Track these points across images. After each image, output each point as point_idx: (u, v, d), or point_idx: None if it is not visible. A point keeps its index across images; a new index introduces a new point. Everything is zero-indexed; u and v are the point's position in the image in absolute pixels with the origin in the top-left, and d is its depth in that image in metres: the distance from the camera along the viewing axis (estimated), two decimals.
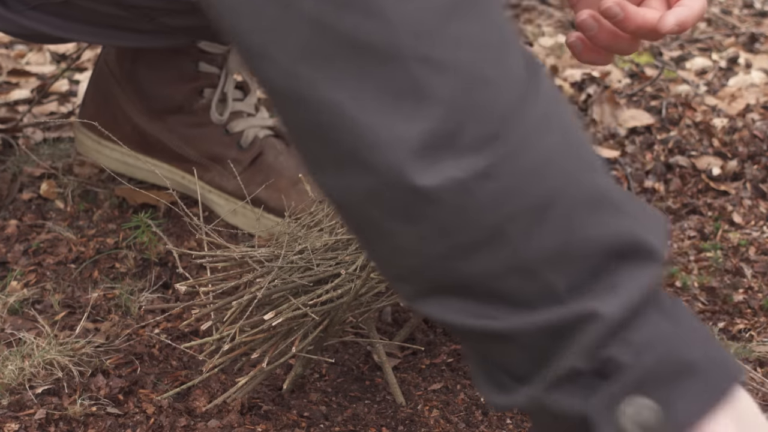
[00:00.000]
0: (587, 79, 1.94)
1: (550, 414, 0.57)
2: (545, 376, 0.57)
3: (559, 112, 0.59)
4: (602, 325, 0.55)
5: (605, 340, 0.56)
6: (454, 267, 0.57)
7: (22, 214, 1.42)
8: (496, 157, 0.56)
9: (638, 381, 0.55)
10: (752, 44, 2.23)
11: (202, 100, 1.42)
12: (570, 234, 0.57)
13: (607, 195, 0.59)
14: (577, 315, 0.56)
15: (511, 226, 0.56)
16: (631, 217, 0.60)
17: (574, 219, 0.57)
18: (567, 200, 0.57)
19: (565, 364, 0.56)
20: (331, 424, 1.03)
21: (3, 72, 1.96)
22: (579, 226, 0.57)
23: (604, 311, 0.56)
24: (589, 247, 0.57)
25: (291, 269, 1.01)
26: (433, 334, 1.19)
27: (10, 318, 1.17)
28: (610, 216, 0.58)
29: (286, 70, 0.57)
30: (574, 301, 0.57)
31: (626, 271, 0.58)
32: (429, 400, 1.07)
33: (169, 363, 1.12)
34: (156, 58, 1.42)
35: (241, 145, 1.41)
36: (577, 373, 0.56)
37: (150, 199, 1.42)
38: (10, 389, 1.05)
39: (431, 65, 0.56)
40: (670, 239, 0.57)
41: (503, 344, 0.58)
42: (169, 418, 1.01)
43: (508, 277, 0.57)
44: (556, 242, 0.57)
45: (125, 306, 1.21)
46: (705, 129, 1.73)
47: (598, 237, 0.57)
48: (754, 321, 1.22)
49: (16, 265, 1.29)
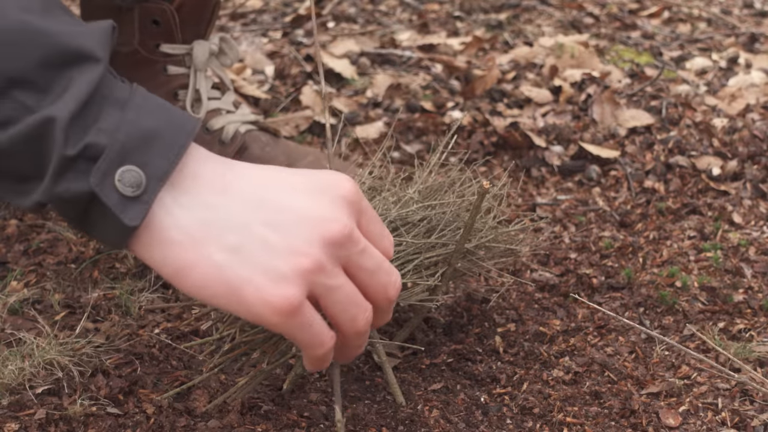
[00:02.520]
0: (587, 79, 1.94)
1: (65, 201, 0.72)
2: (48, 172, 0.71)
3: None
4: (62, 122, 0.70)
5: (71, 133, 0.70)
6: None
7: (22, 214, 1.42)
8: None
9: (119, 154, 0.71)
10: (752, 44, 2.23)
11: (178, 103, 1.43)
12: (14, 60, 0.71)
13: (35, 22, 0.72)
14: (42, 119, 0.70)
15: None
16: (66, 32, 0.73)
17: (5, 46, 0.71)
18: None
19: (56, 158, 0.70)
20: (331, 424, 1.03)
21: None
22: (17, 53, 0.71)
23: (58, 113, 0.70)
24: (32, 63, 0.71)
25: None
26: (433, 334, 1.19)
27: (10, 318, 1.18)
28: (44, 38, 0.72)
29: None
30: (39, 110, 0.71)
31: (72, 75, 0.72)
32: (429, 400, 1.07)
33: (169, 363, 1.12)
34: (126, 72, 1.43)
35: (222, 140, 1.43)
36: (70, 161, 0.70)
37: None
38: (10, 389, 1.05)
39: None
40: (111, 42, 0.73)
41: (4, 160, 0.72)
42: (169, 418, 1.01)
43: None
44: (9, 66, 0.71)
45: (125, 306, 1.21)
46: (705, 129, 1.73)
47: (38, 56, 0.71)
48: (754, 321, 1.22)
49: (16, 265, 1.29)
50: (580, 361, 1.14)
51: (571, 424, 1.04)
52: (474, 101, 1.87)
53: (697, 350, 1.17)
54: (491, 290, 1.28)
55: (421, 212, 1.09)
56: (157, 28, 1.40)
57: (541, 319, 1.22)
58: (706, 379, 1.11)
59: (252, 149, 1.43)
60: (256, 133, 1.44)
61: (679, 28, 2.36)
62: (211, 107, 1.44)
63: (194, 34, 1.42)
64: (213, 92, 1.45)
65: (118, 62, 1.43)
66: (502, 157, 1.67)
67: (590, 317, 1.23)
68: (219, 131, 1.43)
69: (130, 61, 1.42)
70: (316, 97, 1.87)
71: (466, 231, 1.04)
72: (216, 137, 1.43)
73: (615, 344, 1.18)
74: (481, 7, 2.46)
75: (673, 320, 1.23)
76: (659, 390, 1.09)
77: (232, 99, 1.47)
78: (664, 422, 1.04)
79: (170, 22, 1.39)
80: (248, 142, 1.43)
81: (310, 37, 2.23)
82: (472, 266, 1.13)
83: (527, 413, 1.06)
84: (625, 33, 2.29)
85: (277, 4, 2.50)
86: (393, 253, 0.85)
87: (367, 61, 2.06)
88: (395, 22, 2.37)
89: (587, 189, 1.58)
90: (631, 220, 1.47)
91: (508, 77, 1.99)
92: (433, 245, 1.07)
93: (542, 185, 1.60)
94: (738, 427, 1.04)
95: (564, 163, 1.64)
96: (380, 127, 1.76)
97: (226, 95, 1.46)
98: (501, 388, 1.10)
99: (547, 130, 1.72)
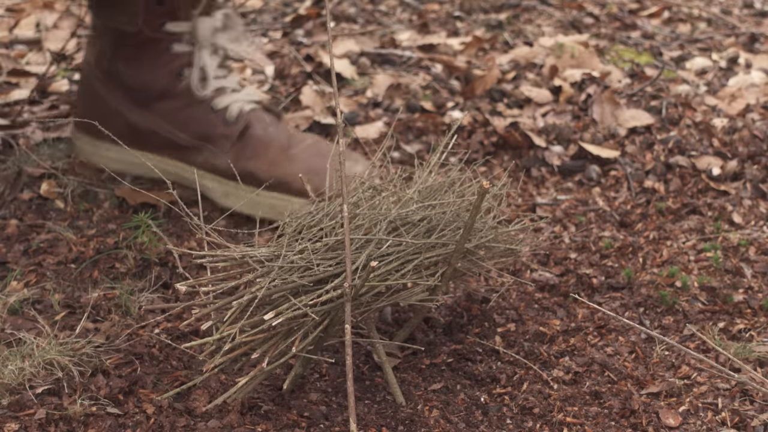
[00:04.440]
0: (587, 79, 1.93)
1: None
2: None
3: None
4: None
5: None
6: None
7: (22, 214, 1.42)
8: None
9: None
10: (752, 44, 2.23)
11: (183, 81, 1.44)
12: None
13: None
14: None
15: None
16: None
17: None
18: None
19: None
20: (331, 424, 1.03)
21: (3, 72, 1.95)
22: None
23: None
24: None
25: (291, 269, 1.01)
26: (433, 334, 1.19)
27: (10, 318, 1.17)
28: None
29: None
30: None
31: None
32: (429, 400, 1.07)
33: (169, 363, 1.12)
34: (132, 51, 1.45)
35: (227, 119, 1.43)
36: None
37: (150, 199, 1.42)
38: (10, 389, 1.05)
39: None
40: None
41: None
42: (169, 418, 1.01)
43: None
44: None
45: (125, 306, 1.21)
46: (705, 129, 1.72)
47: None
48: (754, 321, 1.22)
49: (16, 265, 1.29)
50: (580, 361, 1.14)
51: (571, 424, 1.04)
52: (474, 101, 1.87)
53: (697, 350, 1.17)
54: (491, 290, 1.28)
55: (421, 212, 1.09)
56: (162, 7, 1.41)
57: (541, 319, 1.22)
58: (706, 379, 1.11)
59: (254, 128, 1.44)
60: (259, 113, 1.46)
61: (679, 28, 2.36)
62: (216, 86, 1.45)
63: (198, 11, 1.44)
64: (219, 71, 1.47)
65: (123, 42, 1.44)
66: (502, 157, 1.67)
67: (590, 317, 1.23)
68: (224, 110, 1.44)
69: (135, 41, 1.43)
70: (316, 97, 1.87)
71: (466, 231, 1.04)
72: (221, 116, 1.44)
73: (615, 344, 1.18)
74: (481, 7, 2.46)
75: (673, 320, 1.23)
76: (659, 390, 1.09)
77: (237, 78, 1.49)
78: (664, 422, 1.04)
79: (174, 0, 1.41)
80: (252, 120, 1.44)
81: (310, 37, 2.23)
82: (472, 266, 1.13)
83: (527, 413, 1.06)
84: (625, 33, 2.29)
85: (277, 4, 2.50)
86: None
87: (367, 61, 2.06)
88: (395, 22, 2.36)
89: (587, 189, 1.58)
90: (631, 220, 1.47)
91: (508, 77, 1.99)
92: (433, 245, 1.07)
93: (542, 185, 1.60)
94: (738, 427, 1.04)
95: (564, 163, 1.64)
96: (380, 127, 1.75)
97: (232, 74, 1.48)
98: (501, 388, 1.10)
99: (547, 130, 1.72)
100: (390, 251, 1.03)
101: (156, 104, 1.46)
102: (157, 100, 1.46)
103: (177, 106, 1.45)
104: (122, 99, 1.47)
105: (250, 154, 1.42)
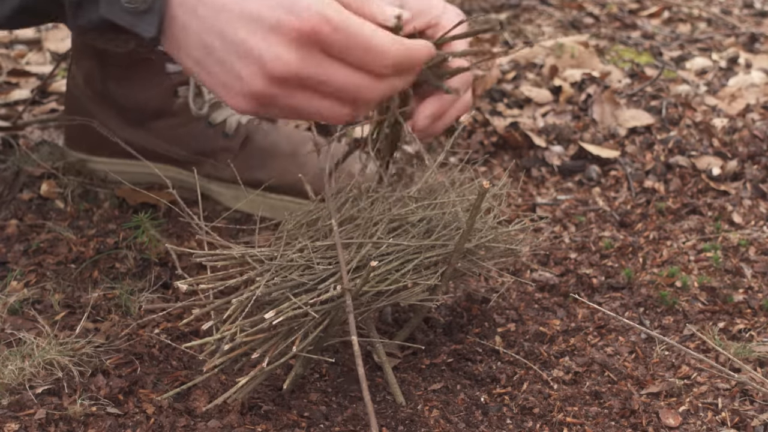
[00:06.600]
0: (587, 79, 1.93)
1: (92, 30, 0.88)
2: (67, 13, 0.89)
3: None
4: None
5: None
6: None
7: (22, 214, 1.42)
8: None
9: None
10: (752, 44, 2.23)
11: (179, 99, 1.43)
12: None
13: None
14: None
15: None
16: None
17: None
18: None
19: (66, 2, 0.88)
20: (331, 424, 1.03)
21: (3, 72, 1.95)
22: None
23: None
24: None
25: (291, 267, 1.01)
26: (433, 334, 1.19)
27: (10, 318, 1.17)
28: None
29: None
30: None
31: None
32: (429, 400, 1.07)
33: (169, 363, 1.12)
34: (122, 72, 1.44)
35: (226, 133, 1.43)
36: (77, 2, 0.88)
37: (150, 199, 1.42)
38: (10, 389, 1.05)
39: None
40: None
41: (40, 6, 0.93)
42: (169, 418, 1.01)
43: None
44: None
45: (125, 306, 1.21)
46: (705, 129, 1.73)
47: None
48: (754, 321, 1.22)
49: (16, 265, 1.29)
50: (580, 361, 1.14)
51: (571, 424, 1.04)
52: (474, 101, 1.87)
53: (697, 350, 1.17)
54: (491, 290, 1.28)
55: (420, 212, 1.09)
56: None
57: (541, 319, 1.22)
58: (706, 379, 1.11)
59: (255, 139, 1.44)
60: (257, 122, 1.45)
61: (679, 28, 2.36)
62: (212, 100, 1.44)
63: None
64: None
65: (117, 62, 1.43)
66: (502, 157, 1.67)
67: (590, 317, 1.23)
68: (222, 124, 1.44)
69: (126, 61, 1.42)
70: None
71: (466, 231, 1.04)
72: (219, 130, 1.44)
73: (615, 344, 1.18)
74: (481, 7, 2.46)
75: (673, 320, 1.23)
76: (659, 390, 1.09)
77: None
78: (664, 422, 1.04)
79: None
80: (251, 131, 1.44)
81: None
82: (472, 266, 1.13)
83: (527, 413, 1.06)
84: (625, 33, 2.30)
85: None
86: (390, 18, 0.95)
87: None
88: None
89: (587, 189, 1.58)
90: (631, 220, 1.47)
91: (508, 77, 1.99)
92: (433, 245, 1.07)
93: (542, 185, 1.60)
94: (738, 427, 1.03)
95: (564, 163, 1.64)
96: None
97: None
98: (501, 388, 1.10)
99: (547, 130, 1.72)
100: (389, 251, 1.03)
101: (152, 123, 1.45)
102: (152, 119, 1.45)
103: (174, 125, 1.45)
104: (116, 119, 1.46)
105: (257, 164, 1.41)
